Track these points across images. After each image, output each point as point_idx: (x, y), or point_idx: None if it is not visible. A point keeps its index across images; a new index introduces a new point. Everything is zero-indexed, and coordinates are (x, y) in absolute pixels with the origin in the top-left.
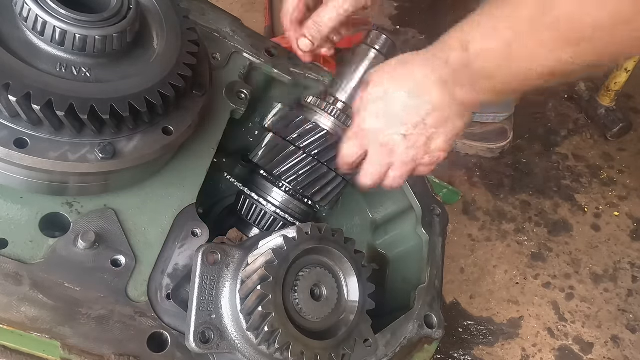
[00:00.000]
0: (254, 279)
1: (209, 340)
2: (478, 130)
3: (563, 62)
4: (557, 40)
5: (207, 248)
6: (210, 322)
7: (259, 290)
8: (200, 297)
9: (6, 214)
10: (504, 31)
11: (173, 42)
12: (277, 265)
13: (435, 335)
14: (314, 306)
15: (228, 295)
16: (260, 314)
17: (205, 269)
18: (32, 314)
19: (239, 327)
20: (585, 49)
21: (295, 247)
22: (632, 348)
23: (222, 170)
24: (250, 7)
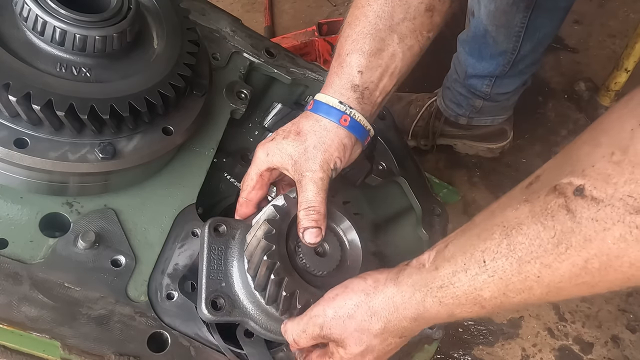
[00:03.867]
0: (258, 235)
1: (220, 307)
2: (478, 131)
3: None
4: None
5: (213, 221)
6: (220, 290)
7: (263, 242)
8: (210, 267)
9: (6, 214)
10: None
11: (173, 42)
12: (280, 220)
13: (435, 335)
14: (319, 262)
15: (236, 263)
16: (266, 265)
17: (212, 240)
18: (32, 314)
19: (249, 291)
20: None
21: (295, 204)
22: (632, 348)
23: (222, 170)
24: (250, 7)
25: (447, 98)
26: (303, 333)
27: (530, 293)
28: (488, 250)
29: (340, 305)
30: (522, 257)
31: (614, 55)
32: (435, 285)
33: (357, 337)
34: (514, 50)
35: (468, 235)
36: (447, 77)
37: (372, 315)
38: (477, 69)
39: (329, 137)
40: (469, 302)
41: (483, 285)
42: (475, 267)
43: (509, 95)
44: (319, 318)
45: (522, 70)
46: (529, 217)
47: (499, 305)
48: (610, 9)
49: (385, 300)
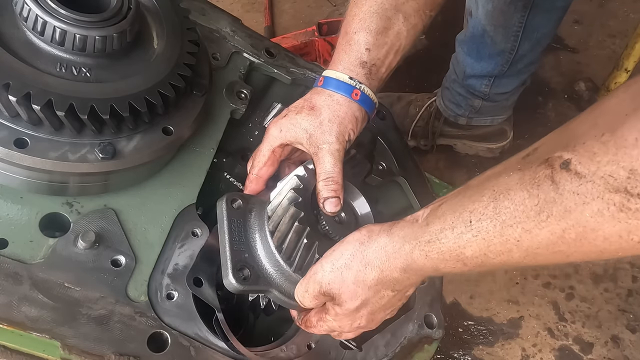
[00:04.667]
0: (284, 204)
1: (246, 277)
2: (478, 131)
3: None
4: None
5: (229, 195)
6: (244, 260)
7: (293, 209)
8: (232, 238)
9: (6, 214)
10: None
11: (173, 42)
12: (303, 189)
13: (435, 335)
14: (340, 228)
15: (257, 235)
16: (297, 230)
17: (231, 212)
18: (32, 313)
19: (273, 260)
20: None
21: (314, 175)
22: (632, 348)
23: (222, 170)
24: (250, 7)
25: (446, 98)
26: (306, 293)
27: (509, 255)
28: (475, 211)
29: (337, 257)
30: (506, 221)
31: (614, 55)
32: (424, 239)
33: (353, 290)
34: (512, 50)
35: (461, 197)
36: (446, 77)
37: (366, 264)
38: (476, 69)
39: (342, 110)
40: (452, 258)
41: (466, 244)
42: (461, 226)
43: (507, 95)
44: (318, 274)
45: (520, 70)
46: (518, 184)
47: (479, 265)
48: (610, 9)
49: (378, 249)
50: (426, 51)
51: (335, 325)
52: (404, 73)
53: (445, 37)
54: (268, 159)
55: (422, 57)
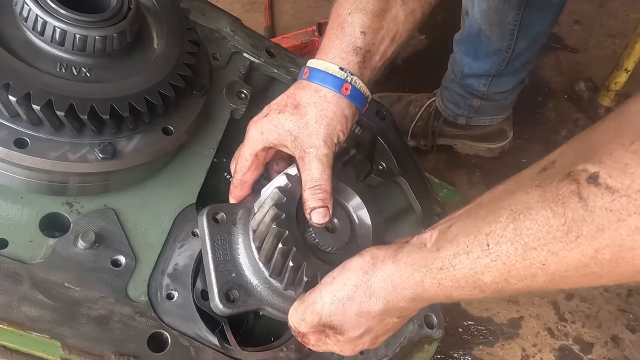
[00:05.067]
0: (266, 220)
1: (235, 299)
2: (477, 131)
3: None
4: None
5: (210, 209)
6: (232, 281)
7: (275, 228)
8: (216, 258)
9: (6, 214)
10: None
11: (173, 42)
12: (287, 202)
13: (435, 335)
14: (330, 238)
15: (243, 250)
16: (282, 252)
17: (213, 229)
18: (32, 313)
19: (262, 278)
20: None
21: (299, 182)
22: (632, 348)
23: (222, 170)
24: (250, 7)
25: (445, 98)
26: (302, 321)
27: (533, 280)
28: (493, 233)
29: (338, 288)
30: (529, 243)
31: (614, 55)
32: (435, 266)
33: (356, 321)
34: (509, 49)
35: (473, 217)
36: (444, 77)
37: (371, 295)
38: (473, 68)
39: (330, 108)
40: (468, 285)
41: (484, 270)
42: (477, 250)
43: (506, 94)
44: (317, 305)
45: (518, 68)
46: (539, 202)
47: (499, 291)
48: (610, 9)
49: (384, 279)
50: (426, 51)
51: (336, 349)
52: (404, 73)
53: (445, 37)
54: (251, 163)
55: (422, 57)
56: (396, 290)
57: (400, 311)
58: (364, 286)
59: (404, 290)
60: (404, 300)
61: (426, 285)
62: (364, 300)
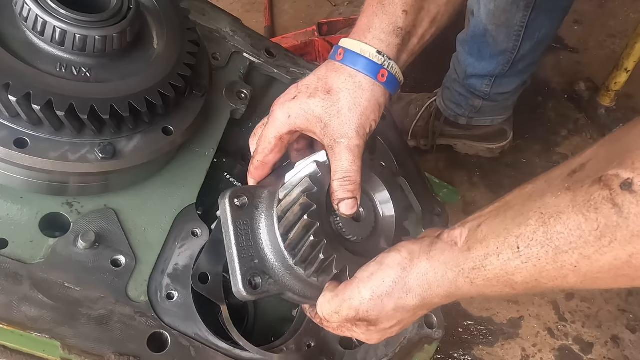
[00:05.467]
0: (295, 210)
1: (257, 285)
2: (478, 131)
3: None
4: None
5: (232, 192)
6: (255, 267)
7: (306, 220)
8: (239, 244)
9: (6, 214)
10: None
11: (173, 42)
12: (318, 192)
13: (435, 335)
14: (357, 227)
15: (267, 237)
16: (312, 244)
17: (236, 214)
18: (32, 313)
19: (285, 265)
20: None
21: (329, 171)
22: (632, 348)
23: (222, 170)
24: (250, 7)
25: (446, 98)
26: (335, 314)
27: (564, 281)
28: (523, 236)
29: (378, 285)
30: (560, 247)
31: (614, 55)
32: (467, 266)
33: (392, 315)
34: (514, 50)
35: (502, 217)
36: (446, 77)
37: (407, 292)
38: (477, 69)
39: (364, 97)
40: (500, 284)
41: (515, 271)
42: (508, 252)
43: (508, 95)
44: (355, 300)
45: (521, 69)
46: (570, 206)
47: (530, 289)
48: (610, 9)
49: (420, 276)
50: (426, 51)
51: (363, 337)
52: (404, 73)
53: (445, 37)
54: (275, 146)
55: (422, 57)
56: (431, 288)
57: (432, 306)
58: (402, 282)
59: (439, 288)
60: (438, 297)
61: (459, 284)
62: (402, 297)
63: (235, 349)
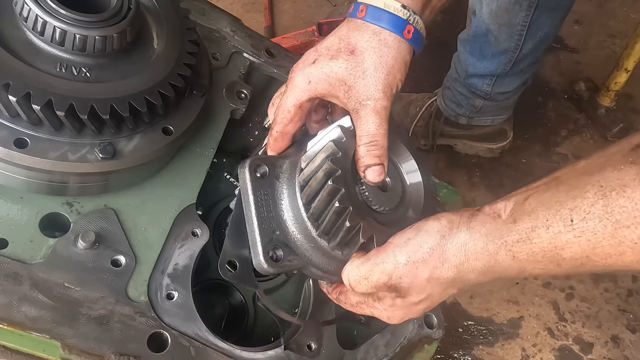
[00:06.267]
0: (319, 177)
1: (279, 258)
2: (478, 131)
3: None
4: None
5: (252, 162)
6: (276, 239)
7: (330, 185)
8: (260, 215)
9: (6, 214)
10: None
11: (173, 42)
12: (342, 158)
13: (435, 335)
14: (384, 197)
15: (288, 207)
16: (337, 211)
17: (256, 184)
18: (32, 313)
19: (308, 236)
20: None
21: (353, 136)
22: (632, 348)
23: (222, 170)
24: (250, 7)
25: (447, 98)
26: (364, 280)
27: (618, 258)
28: (578, 209)
29: (415, 250)
30: (621, 221)
31: (614, 55)
32: (511, 239)
33: (424, 286)
34: (516, 49)
35: (553, 191)
36: (447, 76)
37: (444, 261)
38: (478, 68)
39: (390, 54)
40: (545, 259)
41: (565, 245)
42: (559, 225)
43: (509, 95)
44: (388, 264)
45: (523, 69)
46: (636, 180)
47: (577, 266)
48: (610, 9)
49: (458, 246)
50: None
51: (384, 314)
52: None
53: (445, 37)
54: (294, 114)
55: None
56: (469, 260)
57: (465, 283)
58: (440, 250)
59: (477, 261)
60: (474, 271)
61: (500, 257)
62: (437, 266)
63: (235, 349)
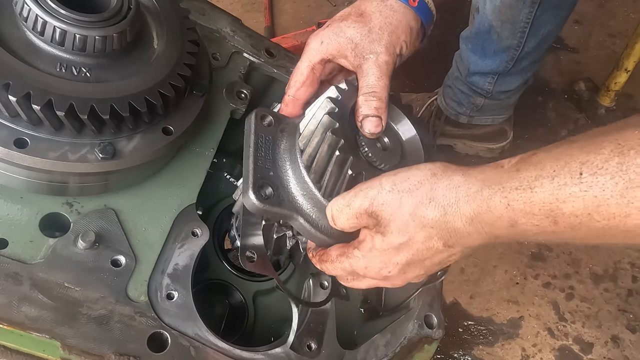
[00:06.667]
0: (318, 115)
1: (268, 196)
2: (478, 131)
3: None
4: None
5: (259, 110)
6: (269, 177)
7: (330, 137)
8: (257, 153)
9: (6, 214)
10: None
11: (173, 42)
12: (339, 112)
13: (435, 335)
14: (384, 155)
15: (287, 155)
16: (329, 142)
17: (260, 128)
18: (32, 313)
19: (302, 183)
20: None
21: (349, 96)
22: (632, 348)
23: (222, 170)
24: (250, 7)
25: (447, 96)
26: (347, 207)
27: (621, 221)
28: (589, 163)
29: (402, 180)
30: (634, 181)
31: (614, 55)
32: (510, 185)
33: (406, 222)
34: (518, 47)
35: (565, 147)
36: (448, 75)
37: (431, 199)
38: (480, 66)
39: (395, 17)
40: (542, 212)
41: (568, 198)
42: (566, 177)
43: (510, 94)
44: (372, 190)
45: (525, 67)
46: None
47: (573, 226)
48: (610, 9)
49: (450, 188)
50: (426, 51)
51: (361, 264)
52: (404, 73)
53: (445, 37)
54: (307, 77)
55: (422, 57)
56: (458, 202)
57: (451, 235)
58: (428, 187)
59: (467, 204)
60: (462, 218)
61: (493, 203)
62: (423, 202)
63: (235, 349)
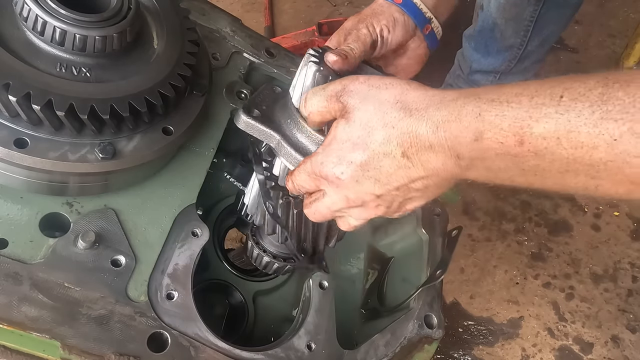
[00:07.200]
0: (307, 81)
1: (256, 115)
2: None
3: None
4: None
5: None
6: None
7: (314, 65)
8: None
9: (6, 214)
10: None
11: (173, 42)
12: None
13: (435, 335)
14: None
15: (281, 110)
16: (318, 81)
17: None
18: (32, 313)
19: (289, 112)
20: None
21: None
22: (632, 348)
23: (222, 170)
24: (250, 7)
25: None
26: (321, 89)
27: (587, 152)
28: (573, 89)
29: (377, 79)
30: (610, 112)
31: (614, 55)
32: (487, 97)
33: (370, 116)
34: (521, 46)
35: (552, 78)
36: (449, 74)
37: (398, 101)
38: (483, 65)
39: (379, 9)
40: (511, 128)
41: (542, 118)
42: (546, 98)
43: None
44: (347, 79)
45: (527, 67)
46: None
47: (538, 150)
48: (610, 9)
49: (422, 95)
50: None
51: (319, 160)
52: None
53: (446, 37)
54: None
55: None
56: (428, 108)
57: (412, 141)
58: (401, 89)
59: (437, 110)
60: (428, 123)
61: (465, 111)
62: (389, 99)
63: (235, 349)
